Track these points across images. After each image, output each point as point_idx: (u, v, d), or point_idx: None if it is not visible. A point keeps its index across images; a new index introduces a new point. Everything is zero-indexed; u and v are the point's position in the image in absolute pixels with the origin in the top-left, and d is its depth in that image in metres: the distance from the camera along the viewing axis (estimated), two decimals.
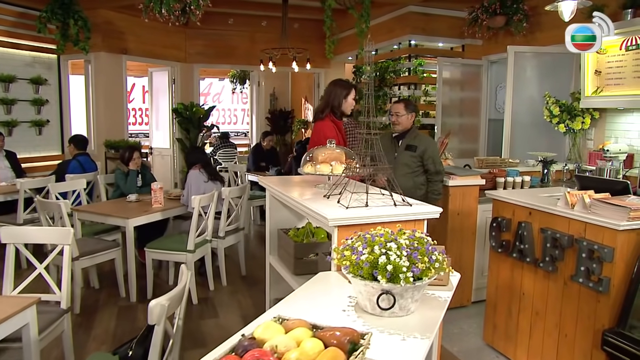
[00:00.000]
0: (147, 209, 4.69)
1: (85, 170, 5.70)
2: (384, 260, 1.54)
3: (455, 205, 4.07)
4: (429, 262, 1.58)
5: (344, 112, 3.73)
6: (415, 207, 2.20)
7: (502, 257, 3.34)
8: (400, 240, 1.62)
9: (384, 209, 2.16)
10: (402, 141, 3.99)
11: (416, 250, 1.60)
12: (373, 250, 1.58)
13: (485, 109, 7.34)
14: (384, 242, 1.60)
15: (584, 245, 2.67)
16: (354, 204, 2.19)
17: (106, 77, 7.58)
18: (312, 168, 2.57)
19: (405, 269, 1.52)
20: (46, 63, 7.42)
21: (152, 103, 9.49)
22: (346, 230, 1.95)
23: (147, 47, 8.15)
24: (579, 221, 2.73)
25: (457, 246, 4.14)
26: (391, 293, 1.56)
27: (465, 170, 4.21)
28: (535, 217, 3.04)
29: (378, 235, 1.67)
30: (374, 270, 1.55)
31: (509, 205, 3.24)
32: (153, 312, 1.95)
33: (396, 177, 3.92)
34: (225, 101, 15.28)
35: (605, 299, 2.61)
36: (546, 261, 2.94)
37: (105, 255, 4.39)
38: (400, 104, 3.99)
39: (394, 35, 7.30)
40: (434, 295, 1.85)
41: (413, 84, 7.29)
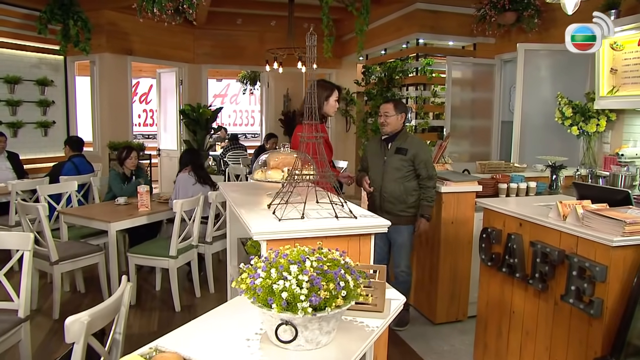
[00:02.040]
0: (133, 212, 4.55)
1: (80, 172, 5.61)
2: (279, 286, 1.30)
3: (449, 213, 3.79)
4: (335, 289, 1.33)
5: (326, 115, 3.55)
6: (361, 219, 1.94)
7: (493, 272, 3.05)
8: (308, 261, 1.38)
9: (322, 222, 1.92)
10: (392, 144, 3.74)
11: (324, 274, 1.36)
12: (270, 274, 1.34)
13: (498, 110, 6.99)
14: (285, 264, 1.36)
15: (574, 261, 2.38)
16: (291, 215, 1.95)
17: (110, 78, 7.53)
18: (262, 174, 2.35)
19: (303, 297, 1.28)
20: (53, 64, 7.40)
21: (160, 104, 9.43)
22: (278, 244, 1.72)
23: (153, 48, 8.07)
24: (570, 235, 2.44)
25: (451, 257, 3.86)
26: (292, 324, 1.32)
27: (461, 176, 3.93)
28: (526, 228, 2.75)
29: (281, 257, 1.43)
30: (269, 297, 1.31)
31: (499, 215, 2.96)
32: (70, 329, 1.75)
33: (386, 183, 3.73)
34: (243, 102, 15.22)
35: (597, 323, 2.31)
36: (536, 278, 2.65)
37: (88, 259, 4.26)
38: (389, 103, 3.75)
39: (402, 34, 7.03)
40: (362, 323, 1.59)
41: (421, 84, 6.99)
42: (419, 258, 4.16)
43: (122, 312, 2.21)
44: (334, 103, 3.52)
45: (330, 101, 3.50)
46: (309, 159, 2.27)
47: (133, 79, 14.48)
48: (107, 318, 2.08)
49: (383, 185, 3.72)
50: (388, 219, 3.68)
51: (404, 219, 3.71)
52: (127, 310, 2.24)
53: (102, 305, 2.03)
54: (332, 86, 3.54)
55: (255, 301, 1.35)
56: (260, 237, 1.79)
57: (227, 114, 16.55)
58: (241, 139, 14.00)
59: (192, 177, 4.87)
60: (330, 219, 1.94)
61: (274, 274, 1.34)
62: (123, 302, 2.22)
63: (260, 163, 2.45)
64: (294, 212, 1.98)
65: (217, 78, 15.82)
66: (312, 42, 2.08)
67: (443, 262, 3.84)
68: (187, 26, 8.30)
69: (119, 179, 5.22)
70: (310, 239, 1.81)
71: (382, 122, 3.73)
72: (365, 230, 1.91)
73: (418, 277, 4.17)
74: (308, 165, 2.26)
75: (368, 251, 1.94)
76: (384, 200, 3.72)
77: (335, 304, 1.32)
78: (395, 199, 3.68)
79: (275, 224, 1.87)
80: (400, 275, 3.82)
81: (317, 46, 5.37)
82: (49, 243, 3.91)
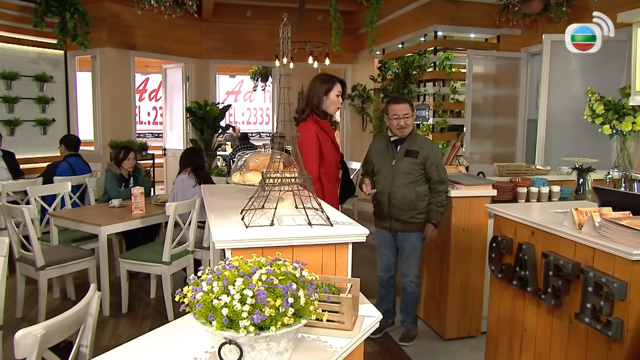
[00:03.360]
0: (126, 215, 4.53)
1: (76, 173, 5.64)
2: (219, 302, 1.22)
3: (459, 219, 3.67)
4: (282, 306, 1.25)
5: (326, 112, 3.43)
6: (337, 227, 1.85)
7: (503, 284, 2.93)
8: (256, 274, 1.30)
9: (294, 230, 1.84)
10: (401, 146, 3.63)
11: (273, 288, 1.27)
12: (213, 288, 1.27)
13: (524, 108, 6.81)
14: (231, 277, 1.28)
15: (590, 276, 2.24)
16: (261, 222, 1.87)
17: (112, 73, 7.56)
18: (240, 177, 2.28)
19: (245, 315, 1.20)
20: (52, 59, 7.48)
21: (166, 101, 9.46)
22: (245, 253, 1.64)
23: (158, 42, 8.09)
24: (585, 246, 2.30)
25: (462, 267, 3.73)
26: (236, 343, 1.24)
27: (474, 178, 3.80)
28: (538, 238, 2.62)
29: (227, 268, 1.34)
30: (210, 313, 1.24)
31: (510, 222, 2.83)
32: (20, 344, 1.70)
33: (395, 188, 3.63)
34: (257, 100, 15.22)
35: (617, 346, 2.17)
36: (548, 293, 2.52)
37: (77, 264, 4.26)
38: (405, 104, 3.60)
39: (420, 26, 6.90)
40: (326, 343, 1.50)
41: (440, 80, 6.84)
42: (428, 267, 4.05)
43: (89, 323, 2.16)
44: (336, 98, 3.38)
45: (331, 96, 3.36)
46: (292, 161, 2.19)
47: (142, 75, 14.74)
48: (68, 330, 2.02)
49: (392, 190, 3.61)
50: (397, 227, 3.67)
51: (414, 225, 3.61)
52: (95, 321, 2.19)
53: (62, 316, 1.98)
54: (332, 79, 3.39)
55: (196, 317, 1.28)
56: (223, 245, 1.72)
57: (240, 111, 16.58)
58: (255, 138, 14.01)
59: (192, 179, 4.82)
60: (303, 226, 1.85)
61: (216, 288, 1.26)
62: (90, 313, 2.17)
63: (239, 164, 2.38)
64: (265, 218, 1.90)
65: (230, 74, 15.87)
66: (286, 34, 2.00)
67: (453, 273, 3.72)
68: (194, 19, 8.31)
69: (115, 181, 5.22)
70: (281, 248, 1.73)
71: (402, 125, 3.58)
72: (341, 239, 1.82)
73: (427, 288, 4.05)
74: (291, 168, 2.17)
75: (345, 262, 1.85)
76: (393, 206, 3.62)
77: (282, 322, 1.24)
78: (406, 205, 3.58)
79: (241, 231, 1.79)
80: (408, 286, 3.72)
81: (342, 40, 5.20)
82: (34, 247, 3.91)
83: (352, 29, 8.93)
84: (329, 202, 3.48)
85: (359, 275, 4.49)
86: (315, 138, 3.34)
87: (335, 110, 3.48)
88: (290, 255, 1.79)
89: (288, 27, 1.99)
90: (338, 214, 2.13)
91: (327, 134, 3.48)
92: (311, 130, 3.36)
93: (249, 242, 1.74)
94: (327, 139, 3.47)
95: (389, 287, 3.86)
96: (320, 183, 3.45)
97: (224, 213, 2.09)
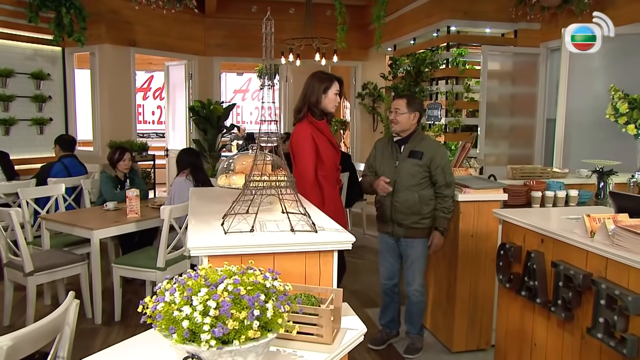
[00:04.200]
0: (120, 219, 4.52)
1: (71, 174, 5.65)
2: (180, 313, 1.18)
3: (467, 224, 3.60)
4: (247, 319, 1.20)
5: (324, 111, 3.43)
6: (321, 234, 1.80)
7: (512, 295, 2.85)
8: (223, 284, 1.25)
9: (275, 236, 1.80)
10: (405, 147, 3.57)
11: (240, 300, 1.22)
12: (175, 298, 1.22)
13: (542, 107, 6.71)
14: (195, 287, 1.23)
15: (602, 288, 2.16)
16: (241, 227, 1.83)
17: (112, 71, 7.59)
18: (226, 180, 2.25)
19: (207, 328, 1.16)
20: (49, 56, 7.52)
21: (169, 100, 9.48)
22: (223, 261, 1.60)
23: (159, 39, 8.11)
24: (598, 255, 2.22)
25: (471, 275, 3.66)
26: (199, 357, 1.19)
27: (483, 182, 3.72)
28: (548, 246, 2.55)
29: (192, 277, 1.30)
30: (172, 325, 1.19)
31: (519, 228, 2.76)
32: None
33: (398, 191, 3.57)
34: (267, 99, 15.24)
35: None
36: (558, 305, 2.44)
37: (68, 270, 4.24)
38: (402, 99, 3.57)
39: (432, 21, 6.82)
40: (302, 358, 1.45)
41: (453, 77, 6.76)
42: (435, 275, 3.98)
43: (66, 333, 2.14)
44: (334, 97, 3.40)
45: (329, 95, 3.38)
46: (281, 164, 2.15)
47: (146, 73, 14.84)
48: (42, 340, 2.00)
49: (395, 193, 3.56)
50: (399, 232, 3.61)
51: (418, 231, 3.55)
52: (72, 331, 2.17)
53: (33, 326, 1.96)
54: (330, 77, 3.41)
55: (157, 329, 1.24)
56: (198, 253, 1.69)
57: (248, 111, 16.61)
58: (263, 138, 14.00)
59: (190, 181, 4.79)
60: (286, 232, 1.81)
61: (178, 299, 1.22)
62: (67, 322, 2.14)
63: (225, 167, 2.34)
64: (247, 224, 1.86)
65: (238, 72, 15.90)
66: (270, 29, 1.96)
67: (461, 281, 3.65)
68: (197, 15, 8.32)
69: (110, 183, 5.22)
70: (261, 256, 1.69)
71: (391, 119, 3.57)
72: (326, 246, 1.78)
73: (435, 297, 3.99)
74: (279, 171, 2.13)
75: (330, 270, 1.81)
76: (395, 210, 3.57)
77: (247, 336, 1.19)
78: (408, 209, 3.52)
79: (219, 238, 1.76)
80: (413, 295, 3.66)
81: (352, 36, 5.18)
82: (22, 252, 3.91)
83: (362, 24, 8.88)
84: (330, 207, 3.47)
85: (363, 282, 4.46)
86: (310, 140, 3.35)
87: (333, 109, 3.48)
88: (271, 264, 1.75)
89: (271, 21, 1.96)
90: (325, 219, 2.09)
91: (324, 135, 3.48)
92: (306, 131, 3.38)
93: (226, 249, 1.70)
94: (325, 140, 3.46)
95: (393, 295, 3.80)
96: (319, 187, 3.43)
97: (206, 218, 2.06)
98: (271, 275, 1.39)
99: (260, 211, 1.99)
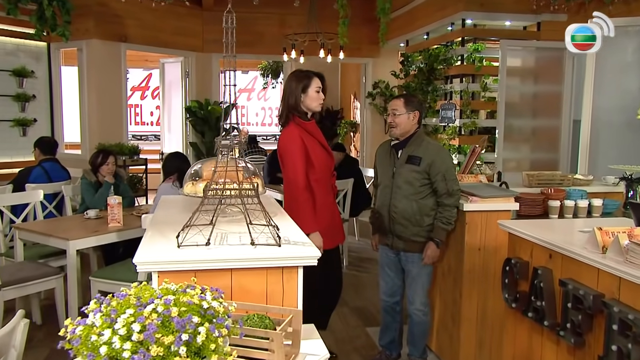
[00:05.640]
0: (100, 228, 4.49)
1: (52, 179, 5.63)
2: (97, 338, 1.12)
3: (474, 237, 3.51)
4: (173, 344, 1.13)
5: (309, 110, 3.43)
6: (285, 248, 1.74)
7: (519, 316, 2.76)
8: (150, 305, 1.19)
9: (233, 250, 1.75)
10: (402, 151, 3.50)
11: (169, 322, 1.16)
12: (95, 321, 1.16)
13: (569, 107, 6.55)
14: (119, 308, 1.17)
15: (614, 311, 2.06)
16: (197, 240, 1.77)
17: (101, 68, 7.61)
18: (192, 187, 2.20)
19: (127, 355, 1.09)
20: (33, 52, 7.56)
21: (164, 100, 9.50)
22: (175, 277, 1.54)
23: (153, 34, 8.13)
24: (609, 274, 2.12)
25: (478, 293, 3.57)
26: None
27: (492, 189, 3.62)
28: (557, 262, 2.45)
29: (117, 297, 1.24)
30: (90, 351, 1.13)
31: (526, 242, 2.67)
32: None
33: (395, 200, 3.49)
34: (273, 98, 15.22)
35: None
36: (567, 329, 2.34)
37: (41, 284, 4.21)
38: (399, 99, 3.51)
39: (446, 14, 6.74)
40: None
41: (468, 75, 6.66)
42: (440, 293, 3.89)
43: (12, 356, 2.09)
44: (315, 94, 3.38)
45: (310, 93, 3.37)
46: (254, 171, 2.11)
47: (144, 71, 14.92)
48: None
49: (392, 202, 3.48)
50: (399, 245, 3.53)
51: (418, 244, 3.46)
52: (20, 354, 2.11)
53: None
54: (307, 75, 3.40)
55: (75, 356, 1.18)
56: (146, 268, 1.63)
57: (253, 111, 16.59)
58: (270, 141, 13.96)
59: (177, 187, 4.75)
60: (246, 246, 1.75)
61: (98, 321, 1.15)
62: (13, 344, 2.09)
63: (192, 173, 2.29)
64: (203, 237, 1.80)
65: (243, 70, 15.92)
66: (231, 24, 1.92)
67: (468, 300, 3.56)
68: (194, 8, 8.32)
69: (91, 190, 5.19)
70: (218, 272, 1.64)
71: (390, 123, 3.51)
72: (289, 261, 1.71)
73: (440, 315, 3.90)
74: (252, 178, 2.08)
75: (294, 288, 1.75)
76: (393, 221, 3.50)
77: None
78: (407, 221, 3.44)
79: (170, 252, 1.70)
80: (414, 315, 3.58)
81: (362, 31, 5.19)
82: None
83: (373, 18, 8.78)
84: (324, 215, 3.43)
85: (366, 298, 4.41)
86: (298, 142, 3.34)
87: (317, 107, 3.47)
88: (228, 280, 1.69)
89: (232, 14, 1.92)
90: (295, 232, 2.05)
91: (315, 137, 3.48)
92: (293, 134, 3.37)
93: (177, 264, 1.65)
94: (315, 142, 3.45)
95: (394, 314, 3.72)
96: (310, 192, 3.39)
97: (165, 230, 2.01)
98: (212, 294, 1.32)
99: (228, 222, 1.95)
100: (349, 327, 4.55)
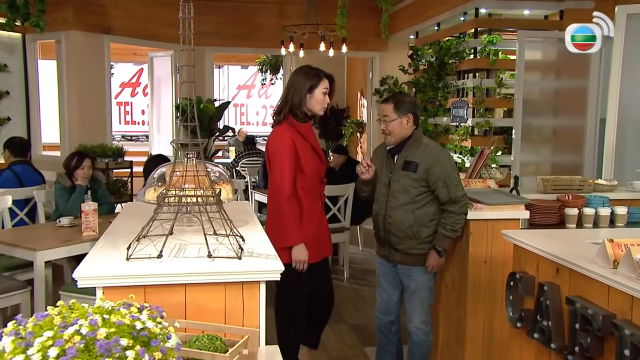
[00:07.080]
0: (73, 237, 4.46)
1: (23, 184, 5.63)
2: None
3: (479, 248, 3.46)
4: None
5: (310, 113, 3.41)
6: (245, 261, 1.71)
7: (524, 336, 2.70)
8: (72, 327, 1.15)
9: (188, 263, 1.73)
10: (398, 156, 3.44)
11: (92, 346, 1.12)
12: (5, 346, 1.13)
13: (595, 104, 6.47)
14: (37, 330, 1.13)
15: (626, 334, 1.99)
16: (149, 252, 1.73)
17: (82, 62, 7.62)
18: (154, 194, 2.17)
19: None
20: (6, 44, 7.54)
21: (153, 97, 9.51)
22: (121, 293, 1.51)
23: (139, 25, 8.14)
24: (621, 292, 2.05)
25: (484, 310, 3.54)
26: None
27: (501, 196, 3.57)
28: (564, 277, 2.39)
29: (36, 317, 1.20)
30: None
31: (531, 254, 2.62)
32: None
33: (390, 210, 3.44)
34: (275, 95, 15.23)
35: None
36: (576, 353, 2.27)
37: (4, 299, 4.17)
38: (387, 104, 3.44)
39: (459, 2, 6.69)
40: None
41: (482, 70, 6.61)
42: (443, 309, 3.85)
43: None
44: (322, 97, 3.36)
45: (316, 94, 3.34)
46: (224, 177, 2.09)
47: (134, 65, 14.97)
48: None
49: (387, 212, 3.44)
50: (396, 257, 3.48)
51: (417, 258, 3.41)
52: None
53: None
54: (317, 74, 3.37)
55: None
56: (87, 284, 1.59)
57: (254, 109, 16.60)
58: None
59: None
60: (202, 259, 1.72)
61: (9, 346, 1.11)
62: None
63: (155, 178, 2.26)
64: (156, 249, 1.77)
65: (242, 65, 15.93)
66: (188, 14, 1.90)
67: (472, 317, 3.52)
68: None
69: (66, 195, 5.17)
70: (170, 287, 1.61)
71: (383, 130, 3.47)
72: (250, 276, 1.69)
73: (444, 334, 3.87)
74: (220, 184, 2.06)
75: (255, 305, 1.72)
76: (388, 232, 3.45)
77: None
78: (402, 233, 3.39)
79: (117, 266, 1.67)
80: (414, 334, 3.53)
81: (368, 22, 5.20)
82: None
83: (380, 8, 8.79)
84: (310, 225, 3.41)
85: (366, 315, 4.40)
86: (289, 145, 3.34)
87: (320, 111, 3.45)
88: (182, 297, 1.66)
89: (189, 3, 1.90)
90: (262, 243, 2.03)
91: (307, 141, 3.46)
92: (284, 135, 3.36)
93: (124, 279, 1.63)
94: (307, 146, 3.44)
95: (389, 335, 3.66)
96: (296, 200, 3.38)
97: (119, 241, 1.98)
98: (148, 313, 1.28)
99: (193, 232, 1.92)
100: (346, 346, 4.49)
